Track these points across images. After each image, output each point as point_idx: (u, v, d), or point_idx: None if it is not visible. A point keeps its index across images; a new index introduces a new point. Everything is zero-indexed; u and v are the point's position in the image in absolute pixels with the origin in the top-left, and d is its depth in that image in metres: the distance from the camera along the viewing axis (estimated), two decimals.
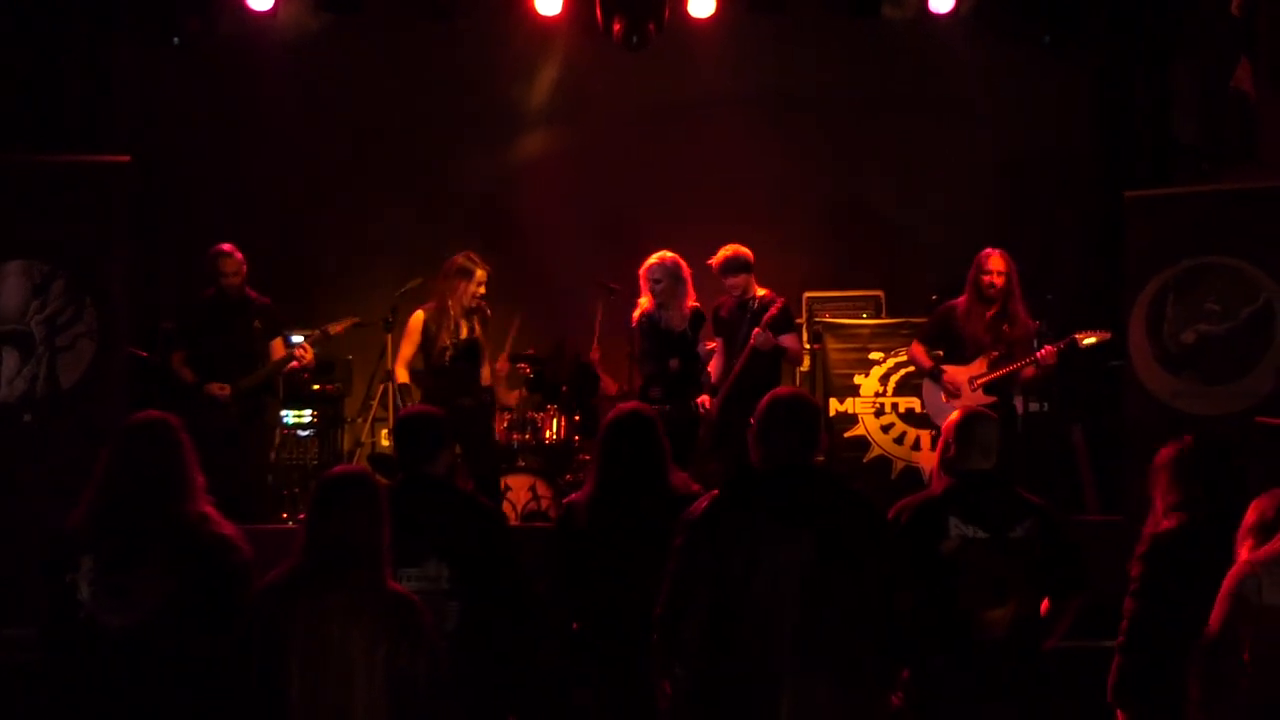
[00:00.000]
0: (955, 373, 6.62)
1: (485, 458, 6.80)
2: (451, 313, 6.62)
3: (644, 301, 6.87)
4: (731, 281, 6.88)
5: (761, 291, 6.87)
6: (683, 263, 6.86)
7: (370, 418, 8.06)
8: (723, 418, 6.65)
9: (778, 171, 8.80)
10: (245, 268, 6.71)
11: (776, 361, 6.86)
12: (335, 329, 6.94)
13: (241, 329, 6.68)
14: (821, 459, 3.84)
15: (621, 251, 7.62)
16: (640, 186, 8.76)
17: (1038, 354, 6.41)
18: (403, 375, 6.77)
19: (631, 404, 4.37)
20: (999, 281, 6.49)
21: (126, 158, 6.67)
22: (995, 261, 6.51)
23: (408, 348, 6.74)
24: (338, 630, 3.24)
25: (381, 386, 8.01)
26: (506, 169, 8.88)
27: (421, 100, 8.82)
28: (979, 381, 6.53)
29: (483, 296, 6.67)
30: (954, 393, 6.54)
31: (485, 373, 6.80)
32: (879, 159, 8.81)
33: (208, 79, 8.53)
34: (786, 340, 6.78)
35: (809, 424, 3.68)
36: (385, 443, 7.87)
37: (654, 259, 6.84)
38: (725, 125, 8.81)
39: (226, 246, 6.70)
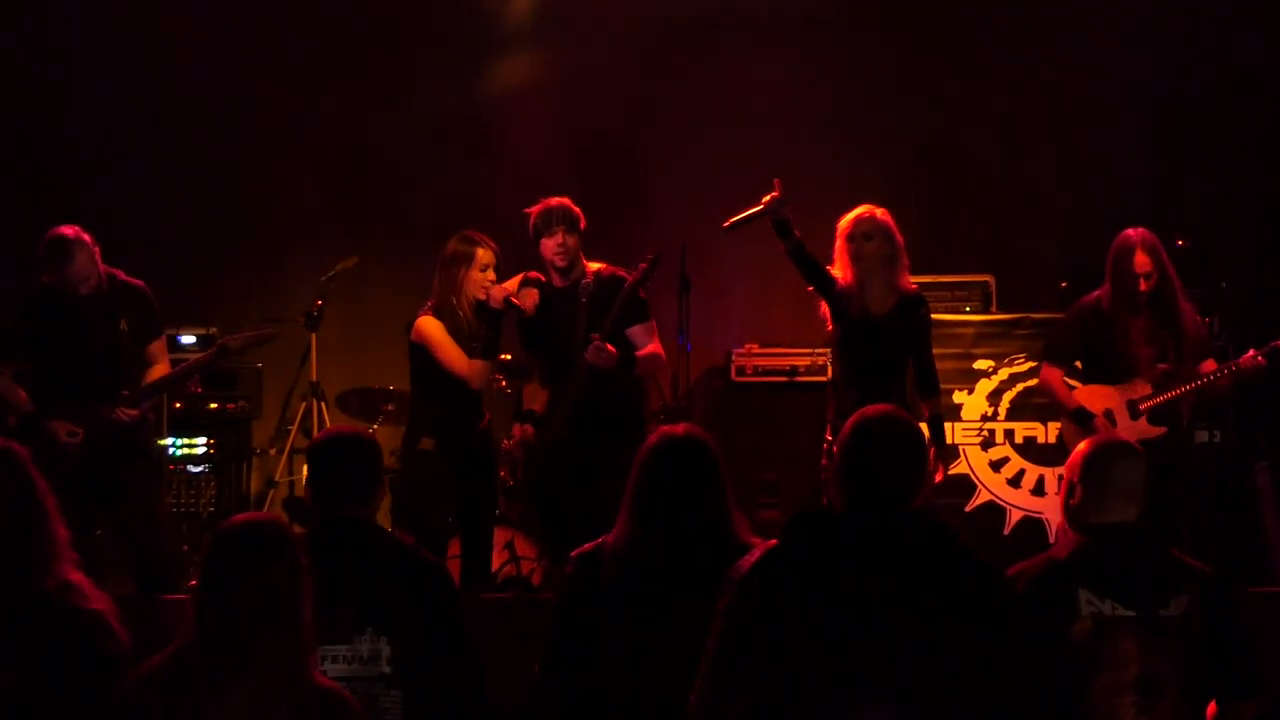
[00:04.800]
0: (1104, 396, 6.57)
1: (486, 505, 6.89)
2: (460, 313, 6.65)
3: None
4: (560, 241, 6.51)
5: (595, 266, 6.64)
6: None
7: (287, 448, 8.08)
8: (567, 463, 6.56)
9: (841, 113, 8.84)
10: (97, 260, 6.34)
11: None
12: (236, 341, 6.78)
13: (99, 333, 6.39)
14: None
15: (626, 209, 7.64)
16: (656, 128, 8.84)
17: (1207, 372, 6.46)
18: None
19: (682, 425, 4.40)
20: (1148, 284, 6.46)
21: None
22: (1140, 259, 6.45)
23: (452, 350, 6.67)
24: None
25: (303, 405, 8.05)
26: (477, 102, 8.96)
27: (366, 16, 8.90)
28: (1144, 407, 6.50)
29: (493, 283, 6.70)
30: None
31: None
32: (982, 95, 8.83)
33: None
34: (639, 337, 6.53)
35: (910, 453, 3.64)
36: None
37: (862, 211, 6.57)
38: (769, 50, 8.86)
39: (68, 231, 6.31)
